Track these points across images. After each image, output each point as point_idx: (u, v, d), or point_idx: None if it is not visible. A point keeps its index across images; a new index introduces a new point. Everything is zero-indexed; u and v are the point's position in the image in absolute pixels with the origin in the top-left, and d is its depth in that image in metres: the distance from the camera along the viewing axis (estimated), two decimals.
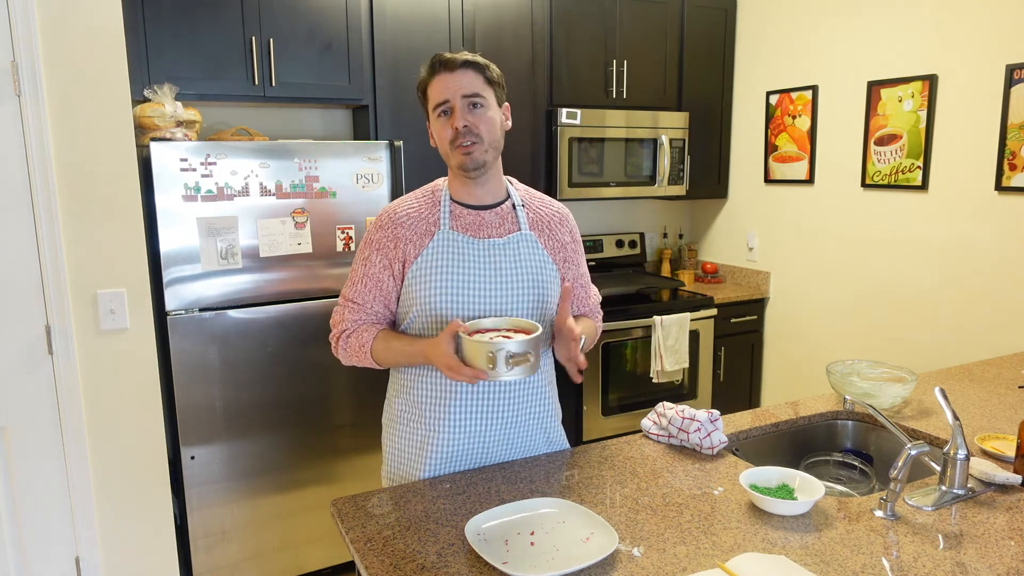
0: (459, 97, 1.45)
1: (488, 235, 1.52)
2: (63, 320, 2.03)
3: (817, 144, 3.41)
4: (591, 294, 1.70)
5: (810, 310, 3.53)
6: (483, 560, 1.17)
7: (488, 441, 1.55)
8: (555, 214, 1.61)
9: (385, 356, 1.50)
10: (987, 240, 2.77)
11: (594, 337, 1.68)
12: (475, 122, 1.45)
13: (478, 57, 1.48)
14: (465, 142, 1.45)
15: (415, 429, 1.55)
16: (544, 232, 1.57)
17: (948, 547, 1.22)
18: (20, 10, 1.88)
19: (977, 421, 1.80)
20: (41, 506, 2.08)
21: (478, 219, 1.53)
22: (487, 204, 1.55)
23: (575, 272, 1.63)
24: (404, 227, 1.51)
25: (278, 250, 2.51)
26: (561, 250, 1.59)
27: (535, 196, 1.63)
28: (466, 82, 1.45)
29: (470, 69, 1.46)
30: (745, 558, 1.17)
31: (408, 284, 1.50)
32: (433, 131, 1.51)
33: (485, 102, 1.47)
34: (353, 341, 1.53)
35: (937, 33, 2.87)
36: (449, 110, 1.46)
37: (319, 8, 2.74)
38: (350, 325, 1.54)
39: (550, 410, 1.63)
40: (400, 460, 1.59)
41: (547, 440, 1.64)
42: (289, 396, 2.59)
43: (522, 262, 1.52)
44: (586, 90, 3.40)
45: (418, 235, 1.50)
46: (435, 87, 1.47)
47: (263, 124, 3.04)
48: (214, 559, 2.54)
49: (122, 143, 2.07)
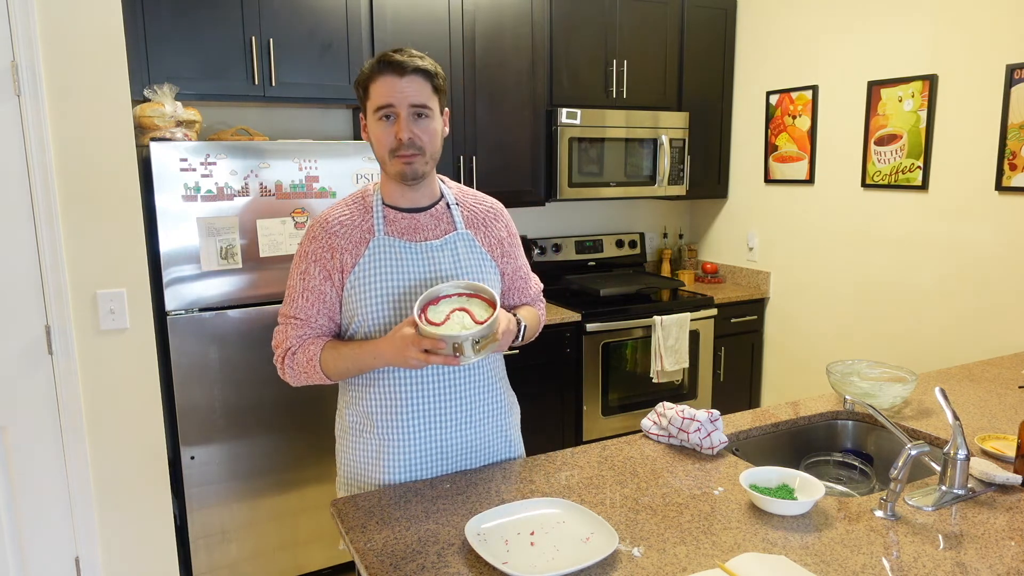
0: (406, 105, 1.40)
1: (424, 238, 1.50)
2: (63, 320, 2.03)
3: (817, 144, 3.41)
4: (531, 284, 1.70)
5: (810, 310, 3.53)
6: (483, 560, 1.17)
7: (444, 444, 1.52)
8: (489, 210, 1.61)
9: (335, 364, 1.45)
10: (987, 240, 2.77)
11: (537, 325, 1.67)
12: (419, 134, 1.42)
13: (427, 62, 1.43)
14: (407, 152, 1.42)
15: (368, 440, 1.52)
16: (480, 229, 1.57)
17: (948, 547, 1.22)
18: (20, 10, 1.88)
19: (977, 421, 1.80)
20: (41, 506, 2.08)
21: (413, 222, 1.51)
22: (421, 206, 1.53)
23: (513, 265, 1.63)
24: (338, 236, 1.47)
25: (278, 250, 2.51)
26: (498, 245, 1.59)
27: (468, 193, 1.62)
28: (414, 90, 1.40)
29: (419, 76, 1.41)
30: (745, 558, 1.17)
31: (348, 294, 1.47)
32: (370, 131, 1.46)
33: (431, 113, 1.44)
34: (300, 357, 1.47)
35: (937, 33, 2.87)
36: (393, 115, 1.41)
37: (319, 8, 2.74)
38: (295, 342, 1.48)
39: (503, 406, 1.61)
40: (356, 471, 1.55)
41: (506, 440, 1.62)
42: (289, 396, 2.59)
43: (461, 262, 1.51)
44: (586, 90, 3.40)
45: (353, 243, 1.46)
46: (380, 88, 1.41)
47: (263, 124, 3.04)
48: (214, 559, 2.54)
49: (122, 143, 2.07)
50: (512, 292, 1.66)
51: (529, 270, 1.71)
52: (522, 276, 1.67)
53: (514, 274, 1.64)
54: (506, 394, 1.64)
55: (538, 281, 1.74)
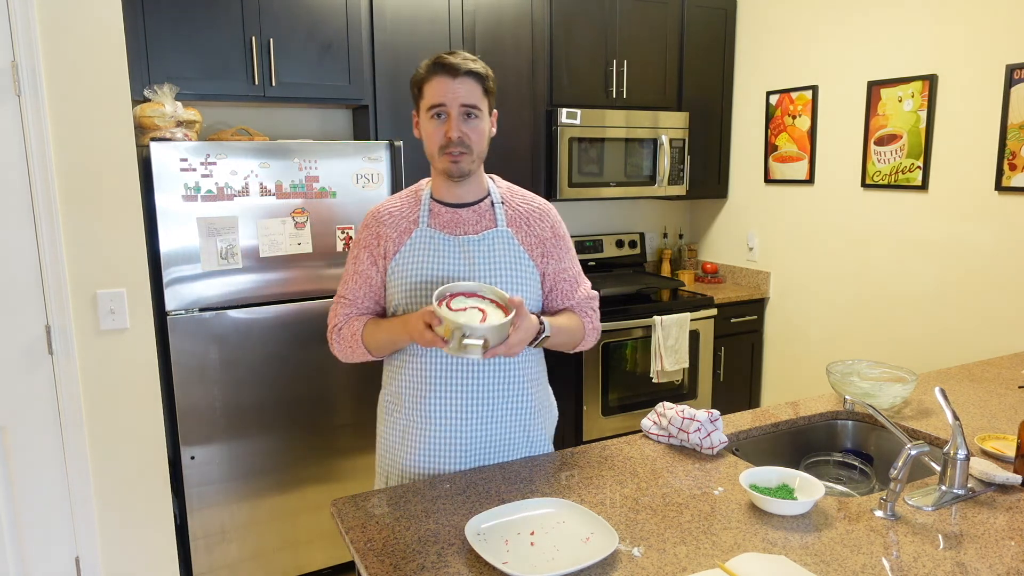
0: (457, 105, 1.48)
1: (464, 232, 1.57)
2: (63, 320, 2.03)
3: (817, 144, 3.41)
4: (578, 290, 1.66)
5: (810, 310, 3.53)
6: (483, 560, 1.17)
7: (464, 436, 1.56)
8: (535, 210, 1.63)
9: (373, 337, 1.56)
10: (987, 240, 2.77)
11: (574, 332, 1.62)
12: (468, 133, 1.50)
13: (479, 64, 1.50)
14: (455, 151, 1.49)
15: (397, 420, 1.61)
16: (522, 228, 1.59)
17: (948, 547, 1.22)
18: (20, 10, 1.88)
19: (977, 421, 1.80)
20: (41, 506, 2.09)
21: (455, 217, 1.58)
22: (467, 202, 1.59)
23: (557, 267, 1.62)
24: (386, 225, 1.58)
25: (278, 250, 2.51)
26: (539, 245, 1.60)
27: (516, 193, 1.65)
28: (465, 91, 1.48)
29: (471, 78, 1.48)
30: (745, 558, 1.17)
31: (389, 278, 1.57)
32: (422, 128, 1.54)
33: (480, 114, 1.51)
34: (345, 332, 1.60)
35: (937, 33, 2.87)
36: (444, 114, 1.49)
37: (319, 8, 2.74)
38: (342, 320, 1.61)
39: (531, 408, 1.62)
40: (386, 449, 1.64)
41: (527, 440, 1.63)
42: (289, 396, 2.59)
43: (496, 257, 1.55)
44: (586, 90, 3.40)
45: (398, 232, 1.57)
46: (434, 88, 1.48)
47: (263, 124, 3.04)
48: (214, 559, 2.54)
49: (122, 143, 2.07)
50: (555, 295, 1.64)
51: (579, 274, 1.67)
52: (567, 279, 1.64)
53: (557, 276, 1.63)
54: (537, 396, 1.65)
55: (589, 288, 1.69)
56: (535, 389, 1.64)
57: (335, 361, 2.64)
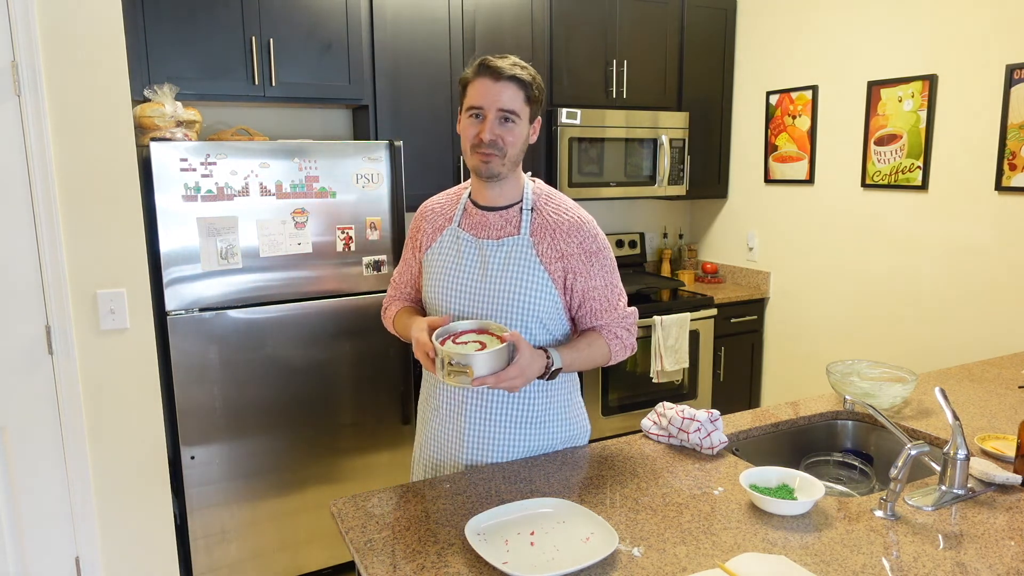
0: (494, 109, 1.47)
1: (487, 236, 1.57)
2: (63, 320, 2.03)
3: (817, 144, 3.41)
4: (608, 309, 1.58)
5: (810, 310, 3.53)
6: (483, 560, 1.17)
7: (453, 450, 1.61)
8: (566, 222, 1.55)
9: (399, 328, 1.70)
10: (987, 240, 2.77)
11: (595, 359, 1.58)
12: (502, 135, 1.49)
13: (526, 72, 1.49)
14: (486, 151, 1.49)
15: (421, 417, 1.72)
16: (544, 238, 1.54)
17: (948, 547, 1.22)
18: (20, 10, 1.88)
19: (977, 421, 1.80)
20: (41, 506, 2.08)
21: (483, 219, 1.59)
22: (497, 206, 1.58)
23: (585, 284, 1.55)
24: (427, 220, 1.67)
25: (278, 250, 2.51)
26: (560, 259, 1.53)
27: (553, 202, 1.58)
28: (507, 96, 1.47)
29: (514, 83, 1.47)
30: (745, 558, 1.17)
31: (422, 269, 1.67)
32: (461, 125, 1.56)
33: (517, 120, 1.49)
34: (388, 313, 1.77)
35: (937, 33, 2.87)
36: (481, 115, 1.49)
37: (319, 8, 2.74)
38: (387, 302, 1.79)
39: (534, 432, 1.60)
40: (417, 442, 1.75)
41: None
42: (289, 396, 2.59)
43: (510, 265, 1.53)
44: (586, 90, 3.40)
45: (435, 228, 1.65)
46: (475, 89, 1.49)
47: (263, 124, 3.04)
48: (214, 559, 2.54)
49: (122, 143, 2.07)
50: (584, 312, 1.59)
51: (612, 293, 1.59)
52: (595, 298, 1.57)
53: (585, 294, 1.56)
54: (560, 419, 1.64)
55: (625, 308, 1.61)
56: (558, 410, 1.64)
57: (335, 361, 2.64)
